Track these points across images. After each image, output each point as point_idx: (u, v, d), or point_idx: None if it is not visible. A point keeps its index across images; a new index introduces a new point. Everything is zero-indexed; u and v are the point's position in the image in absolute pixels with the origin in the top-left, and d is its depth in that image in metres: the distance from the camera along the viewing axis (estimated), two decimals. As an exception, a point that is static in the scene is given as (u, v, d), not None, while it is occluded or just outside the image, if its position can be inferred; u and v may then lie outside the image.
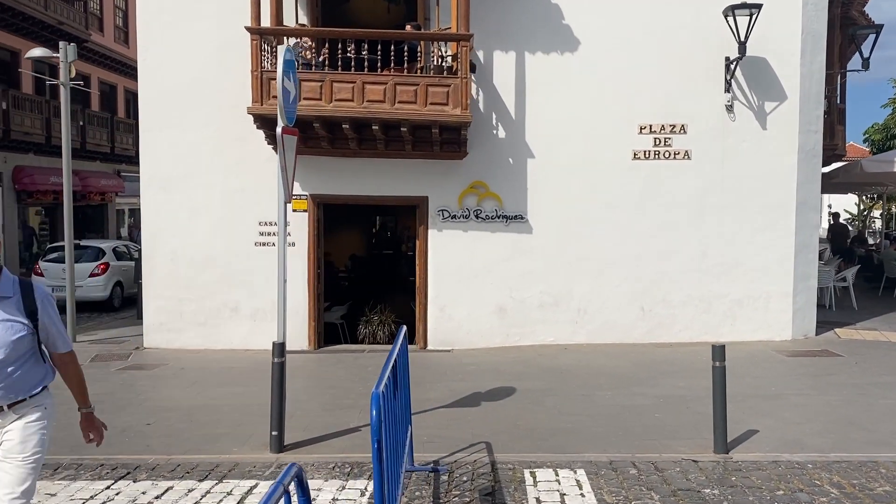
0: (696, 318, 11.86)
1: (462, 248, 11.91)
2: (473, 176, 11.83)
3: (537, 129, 11.78)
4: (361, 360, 10.91)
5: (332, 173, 11.86)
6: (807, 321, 12.03)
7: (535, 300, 11.94)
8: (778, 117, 11.68)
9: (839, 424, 7.16)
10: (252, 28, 10.72)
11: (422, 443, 6.72)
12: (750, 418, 7.39)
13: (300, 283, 11.94)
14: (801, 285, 11.95)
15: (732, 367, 9.79)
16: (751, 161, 11.70)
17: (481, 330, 11.94)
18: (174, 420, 7.71)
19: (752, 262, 11.80)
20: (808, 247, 11.97)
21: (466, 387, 8.94)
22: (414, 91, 10.75)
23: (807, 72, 11.70)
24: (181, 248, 12.01)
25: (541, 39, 11.68)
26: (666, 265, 11.83)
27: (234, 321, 12.04)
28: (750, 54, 11.51)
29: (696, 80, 11.64)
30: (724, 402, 6.39)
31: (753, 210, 11.75)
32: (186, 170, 11.98)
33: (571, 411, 7.79)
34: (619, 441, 6.71)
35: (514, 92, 11.77)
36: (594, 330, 11.91)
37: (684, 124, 11.70)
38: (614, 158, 11.76)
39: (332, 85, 10.76)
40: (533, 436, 6.90)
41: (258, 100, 10.79)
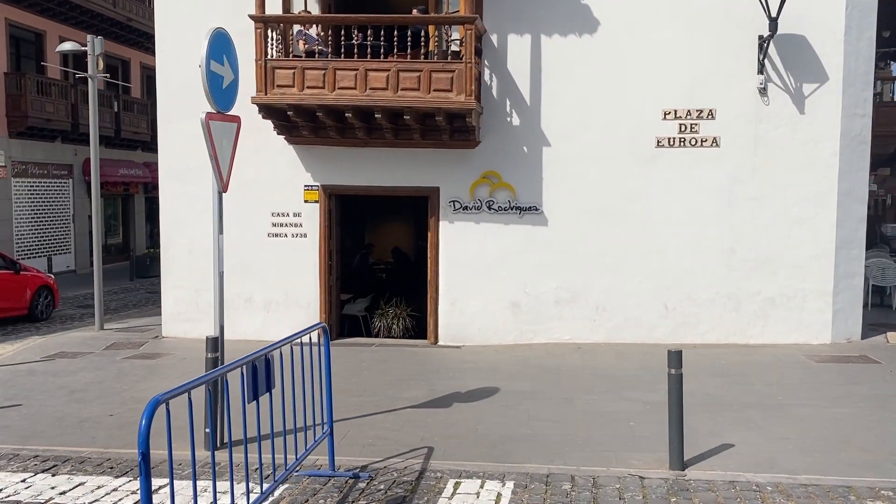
0: (723, 317, 11.03)
1: (474, 240, 11.47)
2: (486, 166, 11.37)
3: (553, 116, 11.20)
4: (364, 355, 10.66)
5: (343, 164, 11.65)
6: (850, 323, 11.00)
7: (551, 296, 11.38)
8: (817, 100, 10.68)
9: (832, 442, 6.39)
10: (255, 16, 10.60)
11: (363, 445, 6.41)
12: (733, 430, 6.71)
13: (311, 275, 11.82)
14: (844, 283, 10.92)
15: (749, 371, 9.15)
16: (786, 148, 10.76)
17: (494, 326, 11.48)
18: (138, 412, 7.63)
19: (786, 258, 10.87)
20: (852, 242, 10.93)
21: (449, 386, 8.55)
22: (417, 77, 10.37)
23: (852, 49, 10.65)
24: (197, 239, 12.05)
25: (558, 21, 11.08)
26: (691, 260, 11.05)
27: (249, 312, 12.01)
28: (786, 32, 10.58)
29: (726, 62, 10.78)
30: (681, 414, 5.77)
31: (789, 201, 10.81)
32: (203, 161, 11.75)
33: (542, 416, 7.28)
34: (574, 451, 6.19)
35: (530, 77, 11.22)
36: (613, 328, 11.26)
37: (713, 109, 10.87)
38: (635, 146, 11.05)
39: (336, 73, 10.51)
40: (485, 442, 6.45)
41: (262, 89, 10.66)
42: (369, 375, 9.30)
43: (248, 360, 4.57)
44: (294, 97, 10.56)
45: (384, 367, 9.76)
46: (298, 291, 11.85)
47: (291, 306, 11.89)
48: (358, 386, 8.68)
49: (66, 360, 10.49)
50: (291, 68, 10.61)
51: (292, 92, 10.59)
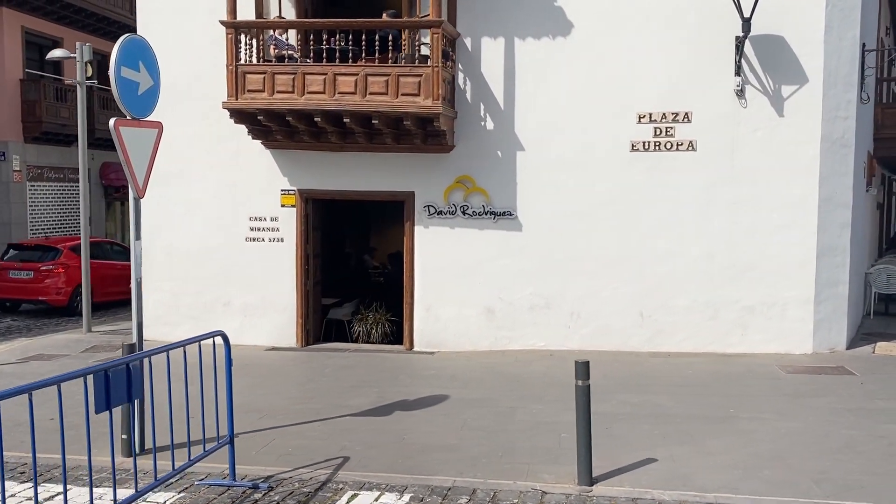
0: (701, 325, 10.74)
1: (449, 245, 11.36)
2: (460, 170, 11.26)
3: (528, 120, 11.04)
4: (332, 361, 10.62)
5: (319, 168, 11.64)
6: (834, 333, 10.62)
7: (526, 302, 11.21)
8: (797, 102, 10.35)
9: (762, 458, 6.13)
10: (226, 22, 10.65)
11: (281, 455, 6.34)
12: (666, 444, 6.49)
13: (288, 280, 11.82)
14: (827, 292, 10.55)
15: (713, 382, 8.89)
16: (765, 152, 10.44)
17: (468, 332, 11.35)
18: (80, 417, 7.66)
19: (766, 265, 10.54)
20: (835, 248, 10.55)
21: (400, 393, 8.45)
22: (385, 82, 10.31)
23: (833, 50, 10.29)
24: (177, 243, 12.15)
25: (532, 24, 10.92)
26: (668, 266, 10.78)
27: (226, 316, 12.03)
28: (764, 33, 10.29)
29: (702, 64, 10.51)
30: (588, 427, 5.59)
31: (768, 206, 10.49)
32: (183, 165, 12.08)
33: (478, 426, 7.14)
34: (490, 463, 6.04)
35: (503, 80, 11.08)
36: (588, 335, 11.04)
37: (689, 112, 10.60)
38: (611, 150, 10.83)
39: (305, 77, 10.50)
40: (405, 452, 6.35)
41: (233, 94, 10.70)
42: (325, 382, 9.25)
43: (100, 369, 4.53)
44: (264, 102, 10.58)
45: (344, 373, 9.70)
46: (275, 296, 11.86)
47: (269, 310, 11.91)
48: (308, 393, 8.63)
49: (39, 363, 10.64)
50: (262, 73, 10.62)
51: (262, 97, 10.61)
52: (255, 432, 6.99)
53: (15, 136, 21.58)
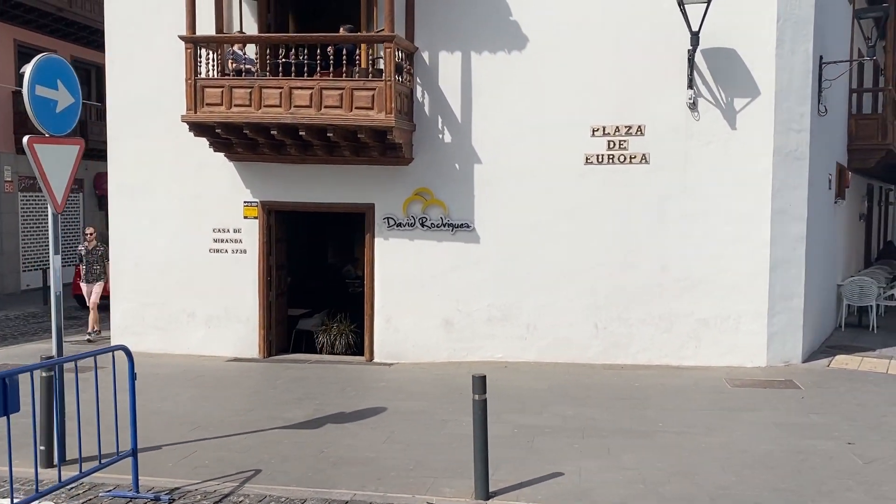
0: (655, 338, 10.74)
1: (408, 257, 11.44)
2: (418, 182, 11.34)
3: (484, 133, 11.11)
4: (288, 372, 10.70)
5: (281, 180, 11.76)
6: (789, 346, 10.59)
7: (483, 314, 11.26)
8: (749, 115, 10.36)
9: (670, 473, 6.15)
10: (185, 37, 10.79)
11: (197, 466, 6.43)
12: (579, 458, 6.52)
13: (250, 291, 11.92)
14: (781, 305, 10.53)
15: (654, 395, 8.91)
16: (717, 164, 10.45)
17: (427, 343, 11.41)
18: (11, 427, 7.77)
19: (719, 278, 10.54)
20: (789, 262, 10.53)
21: (339, 405, 8.52)
22: (340, 95, 10.42)
23: (785, 64, 10.30)
24: (144, 254, 12.29)
25: (487, 37, 11.00)
26: (622, 279, 10.80)
27: (191, 326, 12.18)
28: (717, 45, 10.33)
29: (655, 77, 10.54)
30: (485, 441, 5.64)
31: (721, 219, 10.49)
32: (149, 177, 12.25)
33: (402, 439, 7.20)
34: (398, 476, 6.10)
35: (461, 94, 11.16)
36: (545, 347, 11.07)
37: (641, 125, 10.63)
38: (565, 163, 10.88)
39: (262, 91, 10.62)
40: (319, 465, 6.42)
41: (192, 107, 10.83)
42: (272, 394, 9.34)
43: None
44: (222, 115, 10.71)
45: (294, 385, 9.78)
46: (238, 307, 11.97)
47: (232, 321, 12.02)
48: (250, 404, 8.71)
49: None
50: (220, 87, 10.76)
51: (220, 110, 10.74)
52: (181, 444, 7.07)
53: (7, 147, 21.88)
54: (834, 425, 7.50)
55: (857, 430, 7.31)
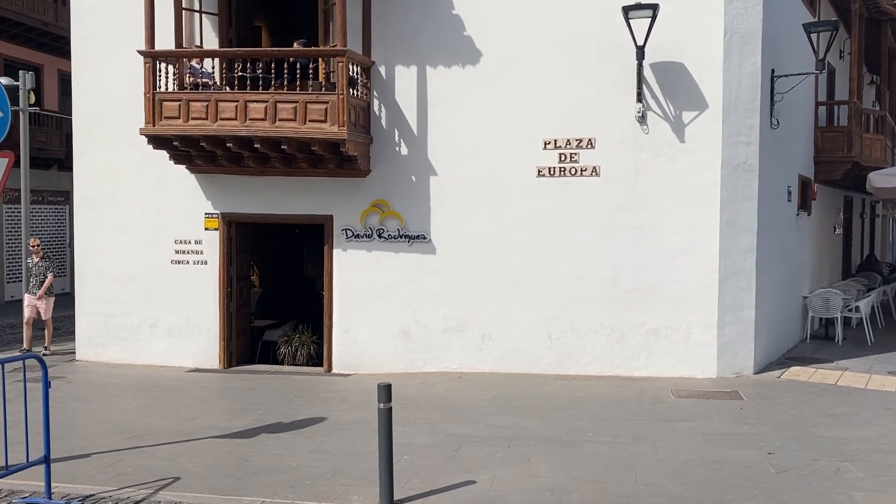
0: (607, 348, 10.81)
1: (366, 268, 11.54)
2: (376, 194, 11.46)
3: (440, 146, 11.23)
4: (243, 383, 10.79)
5: (241, 192, 11.89)
6: (740, 357, 10.64)
7: (440, 324, 11.34)
8: (697, 128, 10.47)
9: (581, 482, 6.21)
10: (144, 52, 10.96)
11: (119, 474, 6.52)
12: (496, 467, 6.60)
13: (211, 302, 12.03)
14: (732, 316, 10.59)
15: (593, 405, 9.00)
16: (667, 177, 10.55)
17: (385, 354, 11.50)
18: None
19: (669, 289, 10.61)
20: (739, 273, 10.60)
21: (281, 416, 8.60)
22: (294, 108, 10.57)
23: (733, 77, 10.41)
24: (108, 265, 12.43)
25: (442, 52, 11.14)
26: (575, 290, 10.88)
27: (153, 337, 12.29)
28: (666, 59, 10.46)
29: (605, 91, 10.67)
30: (390, 449, 5.72)
31: (671, 231, 10.58)
32: (113, 189, 12.41)
33: (329, 448, 7.29)
34: (312, 485, 6.18)
35: (417, 107, 11.30)
36: (499, 357, 11.15)
37: (592, 138, 10.75)
38: (519, 176, 10.99)
39: (218, 104, 10.77)
40: (236, 474, 6.52)
41: (150, 121, 10.98)
42: (219, 404, 9.44)
43: None
44: (179, 128, 10.87)
45: (244, 395, 9.87)
46: (199, 318, 12.08)
47: (193, 332, 12.12)
48: (194, 413, 8.80)
49: None
50: (178, 100, 10.92)
51: (178, 123, 10.89)
52: (112, 452, 7.17)
53: (-10, 160, 22.09)
54: (762, 436, 7.55)
55: (783, 441, 7.36)
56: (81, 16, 12.49)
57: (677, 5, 10.39)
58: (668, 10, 10.27)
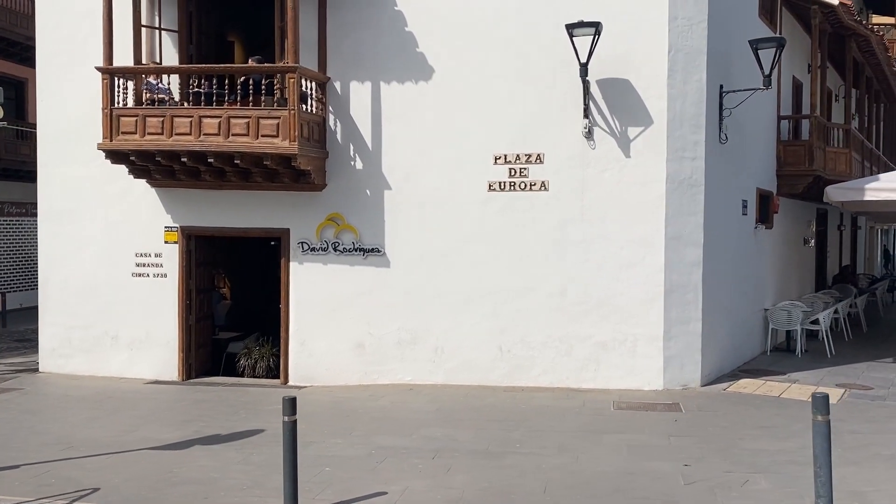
0: (556, 360, 10.93)
1: (322, 281, 11.68)
2: (331, 208, 11.62)
3: (394, 160, 11.40)
4: (197, 395, 10.92)
5: (200, 206, 12.05)
6: (687, 370, 10.75)
7: (393, 337, 11.47)
8: (643, 144, 10.62)
9: (490, 493, 6.34)
10: (101, 68, 11.16)
11: (41, 485, 6.67)
12: (413, 478, 6.73)
13: (171, 314, 12.17)
14: (678, 329, 10.71)
15: (534, 417, 9.13)
16: (613, 191, 10.70)
17: (340, 366, 11.62)
18: None
19: (616, 302, 10.74)
20: (685, 286, 10.73)
21: (222, 427, 8.74)
22: (246, 124, 10.74)
23: (678, 93, 10.57)
24: (71, 278, 12.58)
25: (397, 68, 11.32)
26: (525, 303, 11.01)
27: (114, 349, 12.43)
28: (613, 76, 10.63)
29: (553, 107, 10.83)
30: (294, 461, 5.84)
31: (618, 244, 10.71)
32: (76, 203, 12.58)
33: (256, 461, 7.41)
34: (224, 496, 6.33)
35: (371, 122, 11.47)
36: (452, 370, 11.27)
37: (541, 153, 10.90)
38: (470, 190, 11.14)
39: (173, 120, 10.96)
40: (155, 486, 6.66)
41: (108, 136, 11.17)
42: (164, 415, 9.58)
43: None
44: (135, 143, 11.05)
45: (192, 407, 10.01)
46: (159, 330, 12.22)
47: (153, 345, 12.26)
48: (137, 425, 8.93)
49: None
50: (134, 116, 11.10)
51: (135, 138, 11.07)
52: (41, 463, 7.30)
53: (-23, 174, 22.34)
54: (685, 447, 7.66)
55: (705, 452, 7.47)
56: (46, 32, 12.71)
57: (624, 23, 10.56)
58: (615, 27, 10.45)
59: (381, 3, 11.32)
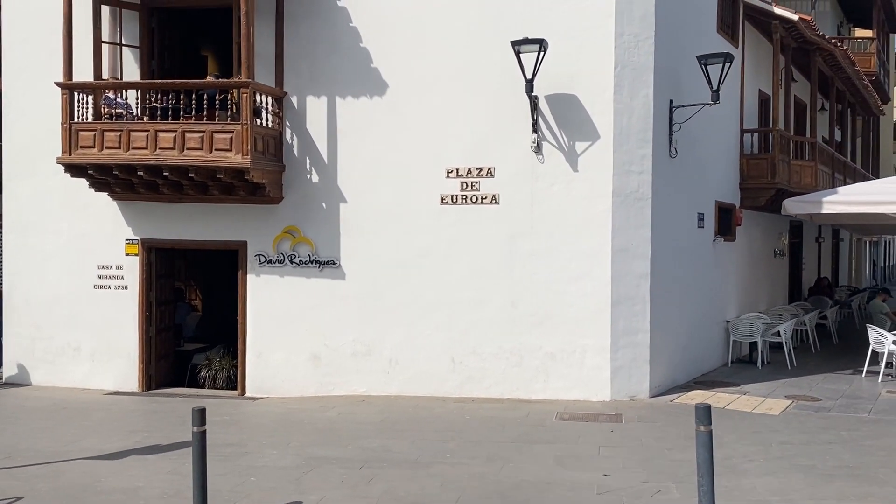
0: (507, 371, 11.05)
1: (279, 293, 11.82)
2: (288, 221, 11.77)
3: (350, 173, 11.56)
4: (152, 406, 11.06)
5: (159, 218, 12.21)
6: (634, 381, 10.87)
7: (349, 348, 11.60)
8: (590, 158, 10.78)
9: (405, 501, 6.44)
10: (61, 83, 11.35)
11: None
12: (332, 488, 6.85)
13: (131, 326, 12.31)
14: (625, 340, 10.83)
15: (476, 427, 9.26)
16: (561, 205, 10.85)
17: (296, 378, 11.75)
18: None
19: (565, 313, 10.87)
20: (632, 298, 10.86)
21: (163, 438, 8.85)
22: (201, 138, 10.92)
23: (624, 108, 10.73)
24: (35, 289, 12.74)
25: (352, 83, 11.50)
26: (477, 314, 11.14)
27: (76, 361, 12.56)
28: (561, 91, 10.80)
29: (504, 122, 11.00)
30: (203, 470, 5.96)
31: (566, 257, 10.85)
32: (40, 216, 12.75)
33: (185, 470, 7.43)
34: (145, 504, 6.43)
35: (327, 136, 11.64)
36: (406, 381, 11.39)
37: (491, 167, 11.06)
38: (423, 203, 11.30)
39: (130, 134, 11.14)
40: (80, 496, 6.81)
41: (67, 150, 11.35)
42: (112, 426, 9.72)
43: None
44: (94, 157, 11.23)
45: (141, 418, 10.17)
46: (120, 341, 12.35)
47: (114, 356, 12.39)
48: (81, 435, 9.05)
49: None
50: (93, 130, 11.28)
51: (93, 152, 11.25)
52: None
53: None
54: (612, 457, 7.77)
55: (629, 463, 7.58)
56: (13, 47, 12.91)
57: (571, 39, 10.74)
58: (563, 44, 10.63)
59: (336, 20, 11.52)
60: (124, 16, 12.33)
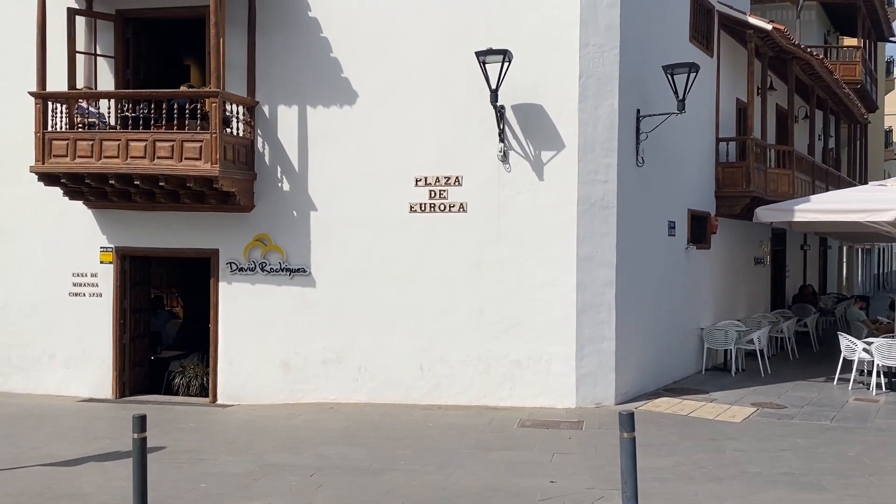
0: (474, 379, 11.13)
1: (250, 301, 11.91)
2: (259, 229, 11.87)
3: (320, 182, 11.66)
4: (122, 413, 10.98)
5: (134, 226, 12.31)
6: (600, 388, 10.94)
7: (318, 356, 11.68)
8: (555, 167, 10.87)
9: (349, 508, 6.54)
10: (35, 93, 11.48)
11: None
12: (279, 495, 6.94)
13: (106, 334, 12.40)
14: (591, 347, 10.91)
15: (436, 434, 9.35)
16: (528, 213, 10.94)
17: (267, 385, 11.82)
18: None
19: (531, 321, 10.95)
20: (598, 306, 10.93)
21: (125, 444, 8.79)
22: (171, 147, 11.03)
23: (589, 118, 10.84)
24: (11, 297, 12.84)
25: (322, 93, 11.62)
26: (445, 322, 11.23)
27: (51, 368, 12.65)
28: (527, 101, 10.91)
29: (471, 131, 11.10)
30: (143, 476, 6.06)
31: (532, 265, 10.94)
32: (18, 223, 12.86)
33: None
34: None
35: (298, 145, 11.75)
36: (375, 388, 11.47)
37: (459, 176, 11.16)
38: (392, 212, 11.40)
39: (102, 143, 11.25)
40: (33, 500, 6.86)
41: (40, 159, 11.46)
42: (78, 433, 9.78)
43: None
44: (66, 166, 11.34)
45: (109, 425, 10.24)
46: (95, 349, 12.44)
47: (88, 363, 12.48)
48: (46, 441, 9.14)
49: None
50: (66, 139, 11.40)
51: (66, 161, 11.36)
52: None
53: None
54: (563, 464, 7.84)
55: (579, 470, 7.65)
56: (-10, 58, 13.04)
57: (536, 49, 10.86)
58: (528, 54, 10.75)
59: (307, 30, 11.64)
60: (99, 26, 12.45)
